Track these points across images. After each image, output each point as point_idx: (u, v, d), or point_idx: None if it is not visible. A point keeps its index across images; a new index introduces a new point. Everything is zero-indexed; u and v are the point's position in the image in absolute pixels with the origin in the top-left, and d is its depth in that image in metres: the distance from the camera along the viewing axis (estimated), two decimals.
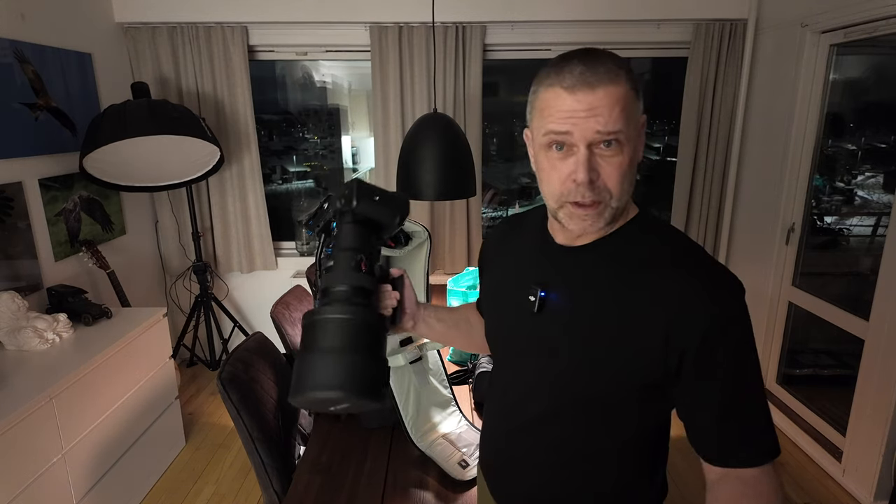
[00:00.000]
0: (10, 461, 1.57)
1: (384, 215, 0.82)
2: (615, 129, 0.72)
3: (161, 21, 2.89)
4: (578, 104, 0.71)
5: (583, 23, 2.99)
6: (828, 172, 2.64)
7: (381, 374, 0.74)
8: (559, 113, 0.73)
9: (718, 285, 0.77)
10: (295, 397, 0.71)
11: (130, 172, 2.65)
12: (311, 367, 0.70)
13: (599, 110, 0.71)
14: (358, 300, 0.77)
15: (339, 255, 0.80)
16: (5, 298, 1.98)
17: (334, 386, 0.68)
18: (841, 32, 2.41)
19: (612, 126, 0.71)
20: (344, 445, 1.44)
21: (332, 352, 0.70)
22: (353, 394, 0.69)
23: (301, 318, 2.11)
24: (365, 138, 3.54)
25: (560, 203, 0.78)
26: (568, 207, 0.77)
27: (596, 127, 0.71)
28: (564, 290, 0.84)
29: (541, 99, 0.76)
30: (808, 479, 2.36)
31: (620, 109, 0.72)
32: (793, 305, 2.79)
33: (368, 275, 0.80)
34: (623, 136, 0.73)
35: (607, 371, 0.80)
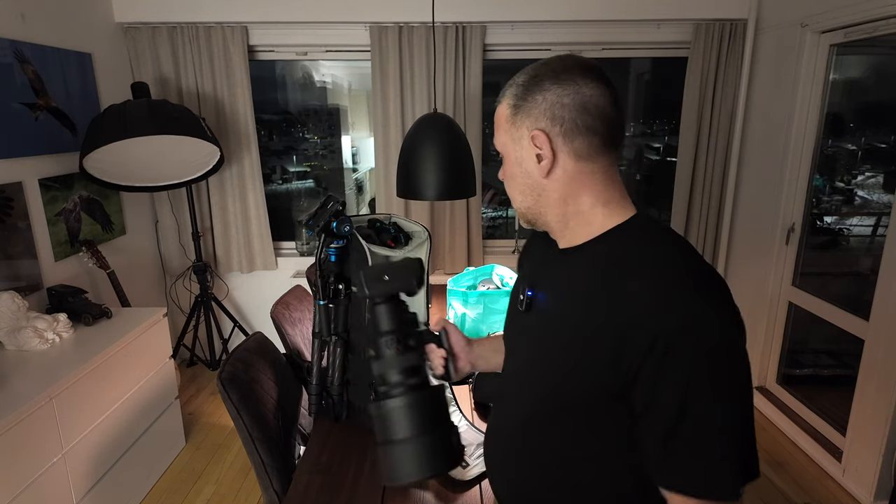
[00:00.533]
0: (10, 461, 1.57)
1: (400, 285, 0.87)
2: (495, 140, 0.85)
3: (161, 21, 2.89)
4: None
5: (583, 23, 2.99)
6: (828, 172, 2.64)
7: (453, 437, 0.82)
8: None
9: (683, 288, 0.69)
10: (391, 484, 0.80)
11: (130, 172, 2.65)
12: (396, 459, 0.79)
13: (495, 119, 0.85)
14: (412, 381, 0.83)
15: (379, 343, 0.86)
16: (5, 298, 1.98)
17: (422, 472, 0.78)
18: (841, 32, 2.41)
19: (496, 137, 0.85)
20: (344, 445, 1.43)
21: (408, 441, 0.79)
22: (438, 470, 0.79)
23: (301, 318, 2.11)
24: (365, 138, 3.54)
25: None
26: None
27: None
28: (550, 291, 0.84)
29: None
30: (808, 479, 2.36)
31: (497, 126, 0.84)
32: (793, 305, 2.79)
33: (412, 351, 0.86)
34: (503, 150, 0.83)
35: (574, 377, 0.76)
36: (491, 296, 1.98)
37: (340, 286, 1.45)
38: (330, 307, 1.46)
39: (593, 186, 0.78)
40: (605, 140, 0.76)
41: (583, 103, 0.74)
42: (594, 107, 0.74)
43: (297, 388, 1.77)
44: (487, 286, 2.19)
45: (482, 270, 2.28)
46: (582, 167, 0.77)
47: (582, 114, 0.74)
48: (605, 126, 0.75)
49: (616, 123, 0.76)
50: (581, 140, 0.75)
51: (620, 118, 0.77)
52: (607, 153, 0.77)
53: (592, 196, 0.78)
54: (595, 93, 0.74)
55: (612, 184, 0.79)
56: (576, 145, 0.76)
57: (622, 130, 0.79)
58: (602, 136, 0.75)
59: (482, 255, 3.31)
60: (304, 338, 2.06)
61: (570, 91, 0.74)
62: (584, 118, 0.74)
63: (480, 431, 1.44)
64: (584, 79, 0.74)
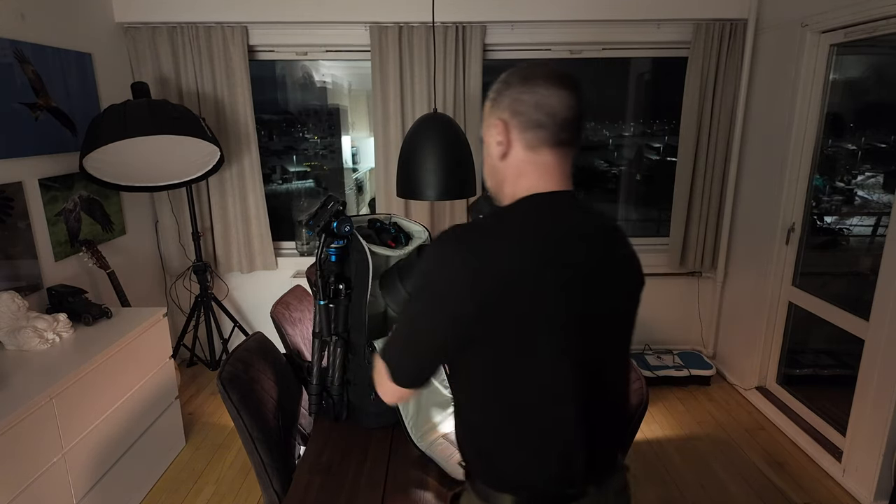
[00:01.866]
0: (10, 461, 1.57)
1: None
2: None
3: (161, 21, 2.89)
4: None
5: (583, 23, 2.99)
6: (828, 172, 2.64)
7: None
8: None
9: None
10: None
11: (130, 172, 2.65)
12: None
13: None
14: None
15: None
16: (5, 298, 1.98)
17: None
18: (841, 32, 2.41)
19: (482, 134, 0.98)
20: (344, 445, 1.43)
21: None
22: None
23: (301, 318, 2.11)
24: (365, 138, 3.54)
25: None
26: None
27: None
28: None
29: None
30: (808, 479, 2.36)
31: (483, 120, 0.97)
32: (793, 305, 2.79)
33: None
34: (483, 139, 0.97)
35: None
36: None
37: (341, 286, 1.45)
38: (330, 307, 1.46)
39: (533, 174, 0.90)
40: (553, 136, 0.88)
41: (537, 102, 0.87)
42: (548, 106, 0.86)
43: (298, 388, 1.77)
44: None
45: None
46: (529, 156, 0.90)
47: (536, 111, 0.87)
48: (554, 125, 0.87)
49: (566, 125, 0.88)
50: (532, 133, 0.88)
51: (573, 121, 0.88)
52: (554, 149, 0.89)
53: (530, 182, 0.90)
54: (551, 95, 0.86)
55: (550, 177, 0.90)
56: (527, 136, 0.89)
57: (573, 132, 0.89)
58: (550, 132, 0.88)
59: None
60: (304, 338, 2.06)
61: (530, 92, 0.87)
62: (537, 115, 0.87)
63: None
64: (545, 83, 0.87)
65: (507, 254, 0.81)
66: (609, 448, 0.97)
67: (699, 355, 3.31)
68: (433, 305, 0.85)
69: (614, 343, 0.94)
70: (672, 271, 3.36)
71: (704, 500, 2.25)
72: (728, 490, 2.30)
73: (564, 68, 0.90)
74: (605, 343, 0.91)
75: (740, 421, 2.80)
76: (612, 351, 0.93)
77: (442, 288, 0.83)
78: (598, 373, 0.90)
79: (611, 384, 0.94)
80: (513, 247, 0.81)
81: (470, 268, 0.80)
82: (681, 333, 3.53)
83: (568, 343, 0.85)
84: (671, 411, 2.90)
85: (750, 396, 3.01)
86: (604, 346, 0.91)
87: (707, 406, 2.95)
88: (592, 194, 3.63)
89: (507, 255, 0.81)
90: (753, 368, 3.02)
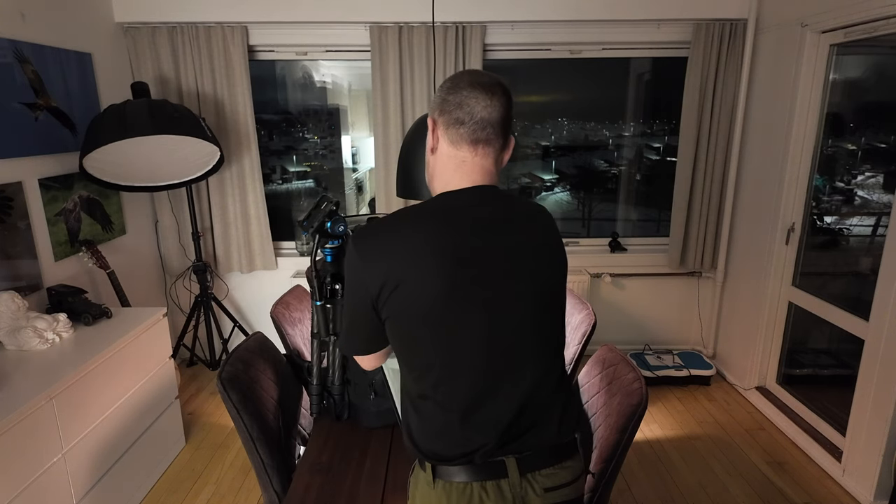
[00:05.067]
0: (10, 461, 1.57)
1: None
2: None
3: (161, 21, 2.89)
4: None
5: (583, 23, 2.99)
6: (828, 172, 2.64)
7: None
8: None
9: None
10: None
11: (130, 172, 2.65)
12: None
13: None
14: None
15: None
16: (5, 298, 1.98)
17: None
18: (841, 32, 2.41)
19: None
20: (344, 445, 1.43)
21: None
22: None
23: (301, 318, 2.11)
24: (365, 138, 3.54)
25: None
26: None
27: None
28: None
29: None
30: (808, 479, 2.36)
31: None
32: (793, 305, 2.79)
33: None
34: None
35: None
36: None
37: (337, 286, 1.45)
38: (327, 307, 1.46)
39: (453, 169, 0.99)
40: (471, 134, 0.96)
41: (460, 102, 0.95)
42: (467, 106, 0.95)
43: (298, 388, 1.77)
44: None
45: None
46: (451, 152, 0.99)
47: (457, 110, 0.96)
48: (472, 122, 0.95)
49: (484, 123, 0.96)
50: (454, 130, 0.97)
51: (491, 121, 0.96)
52: (474, 146, 0.97)
53: (446, 176, 1.00)
54: (471, 97, 0.95)
55: (467, 172, 0.98)
56: (450, 133, 0.98)
57: (491, 131, 0.97)
58: (469, 129, 0.96)
59: None
60: (304, 338, 2.06)
61: (455, 93, 0.96)
62: (458, 114, 0.96)
63: None
64: (468, 86, 0.95)
65: (392, 248, 0.91)
66: (534, 430, 0.99)
67: (699, 355, 3.31)
68: (349, 292, 0.98)
69: (522, 323, 0.96)
70: (672, 271, 3.37)
71: (704, 500, 2.25)
72: (728, 490, 2.30)
73: (498, 75, 0.98)
74: (507, 323, 0.95)
75: (740, 421, 2.80)
76: (520, 330, 0.96)
77: (349, 277, 0.97)
78: (506, 351, 0.95)
79: (526, 362, 0.97)
80: (398, 240, 0.92)
81: (360, 263, 0.93)
82: (681, 333, 3.53)
83: (457, 321, 0.93)
84: (671, 411, 2.90)
85: (750, 396, 3.01)
86: (506, 325, 0.95)
87: (707, 406, 2.95)
88: (592, 194, 3.63)
89: (391, 249, 0.91)
90: (753, 368, 3.02)
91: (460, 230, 0.93)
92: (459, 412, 0.95)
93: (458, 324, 0.92)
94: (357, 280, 0.95)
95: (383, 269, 0.91)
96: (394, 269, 0.90)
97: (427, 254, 0.90)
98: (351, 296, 0.97)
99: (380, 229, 0.94)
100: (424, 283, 0.90)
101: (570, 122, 3.48)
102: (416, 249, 0.90)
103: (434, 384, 0.95)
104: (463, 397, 0.95)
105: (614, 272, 3.39)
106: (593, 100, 3.44)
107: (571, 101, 3.44)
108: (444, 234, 0.92)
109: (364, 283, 0.94)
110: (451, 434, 0.96)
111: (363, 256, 0.93)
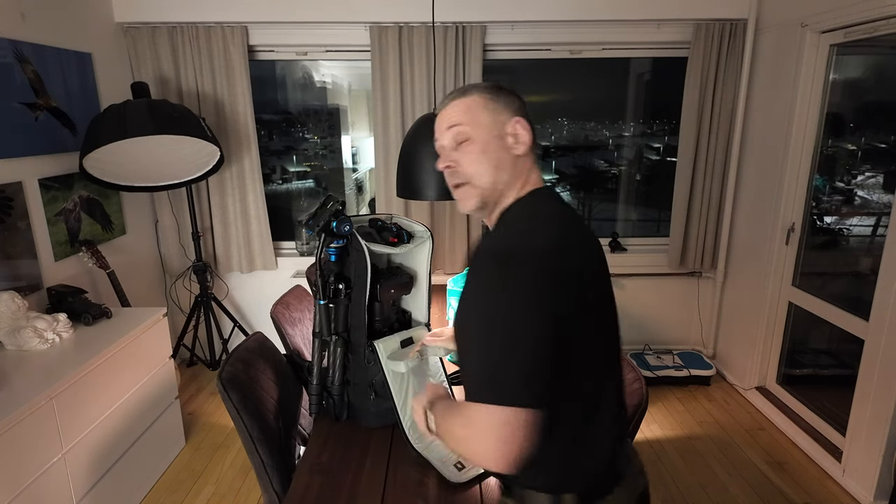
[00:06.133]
0: (10, 461, 1.57)
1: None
2: (455, 121, 0.95)
3: (161, 21, 2.89)
4: (440, 119, 0.99)
5: (583, 23, 2.99)
6: (828, 172, 2.64)
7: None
8: (436, 130, 1.01)
9: (479, 246, 0.90)
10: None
11: (130, 172, 2.65)
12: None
13: (447, 114, 0.97)
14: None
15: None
16: (5, 298, 1.98)
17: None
18: (841, 32, 2.41)
19: (454, 119, 0.96)
20: (344, 445, 1.43)
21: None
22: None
23: (301, 318, 2.11)
24: (365, 138, 3.54)
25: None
26: (454, 195, 0.99)
27: (445, 125, 0.97)
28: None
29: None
30: (808, 479, 2.36)
31: (463, 108, 0.95)
32: (793, 305, 2.79)
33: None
34: (467, 129, 0.94)
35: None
36: None
37: (340, 286, 1.45)
38: (330, 307, 1.46)
39: (536, 168, 0.99)
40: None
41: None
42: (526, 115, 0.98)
43: (298, 388, 1.77)
44: None
45: None
46: (533, 153, 0.98)
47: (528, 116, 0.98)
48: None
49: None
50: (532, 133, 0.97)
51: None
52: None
53: (536, 175, 0.98)
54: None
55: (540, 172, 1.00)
56: (531, 135, 0.97)
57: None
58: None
59: None
60: (304, 338, 2.07)
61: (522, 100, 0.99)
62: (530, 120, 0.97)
63: None
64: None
65: (566, 243, 0.85)
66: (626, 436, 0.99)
67: (699, 355, 3.31)
68: (529, 309, 0.80)
69: (616, 326, 0.97)
70: (672, 271, 3.36)
71: (704, 500, 2.25)
72: (728, 490, 2.30)
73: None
74: (615, 326, 0.95)
75: (740, 421, 2.80)
76: (617, 334, 0.97)
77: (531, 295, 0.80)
78: (617, 360, 0.95)
79: (620, 369, 0.97)
80: (564, 237, 0.86)
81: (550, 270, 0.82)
82: (681, 333, 3.53)
83: (604, 326, 0.91)
84: (671, 411, 2.90)
85: (750, 396, 3.01)
86: (615, 329, 0.95)
87: (707, 406, 2.95)
88: (592, 194, 3.63)
89: (566, 244, 0.85)
90: (753, 368, 3.02)
91: (582, 227, 0.92)
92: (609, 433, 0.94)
93: (601, 328, 0.92)
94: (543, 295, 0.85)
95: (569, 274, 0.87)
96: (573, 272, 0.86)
97: (581, 249, 0.90)
98: (529, 312, 0.84)
99: (552, 230, 0.88)
100: (588, 289, 0.88)
101: (570, 122, 3.48)
102: (576, 246, 0.89)
103: (594, 407, 0.92)
104: (611, 414, 0.95)
105: (614, 272, 3.38)
106: (593, 100, 3.44)
107: (571, 101, 3.44)
108: (578, 230, 0.91)
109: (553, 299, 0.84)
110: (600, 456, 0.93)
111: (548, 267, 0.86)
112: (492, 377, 0.78)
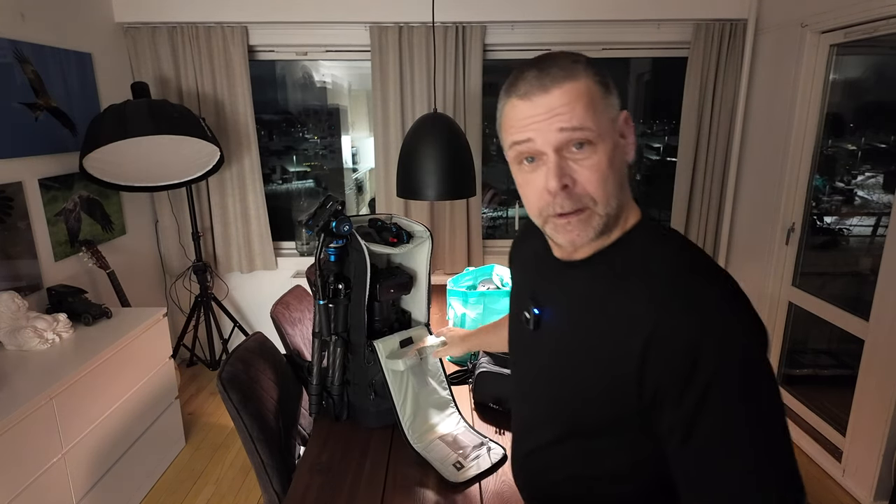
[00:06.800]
0: (10, 461, 1.57)
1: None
2: (579, 124, 0.66)
3: (161, 21, 2.89)
4: (535, 108, 0.68)
5: (583, 23, 2.99)
6: (828, 172, 2.64)
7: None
8: (518, 122, 0.69)
9: (710, 300, 0.65)
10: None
11: (130, 172, 2.65)
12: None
13: (559, 110, 0.66)
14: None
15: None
16: (5, 298, 1.98)
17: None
18: (841, 32, 2.41)
19: (576, 121, 0.66)
20: (344, 445, 1.43)
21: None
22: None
23: (301, 318, 2.11)
24: (365, 138, 3.54)
25: (544, 218, 0.72)
26: (552, 221, 0.71)
27: (558, 125, 0.66)
28: (558, 308, 0.79)
29: (502, 115, 0.73)
30: (808, 479, 2.36)
31: (584, 105, 0.67)
32: (793, 305, 2.79)
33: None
34: (593, 134, 0.67)
35: (590, 399, 0.73)
36: (491, 296, 1.98)
37: (340, 286, 1.45)
38: (330, 307, 1.46)
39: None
40: None
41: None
42: None
43: (298, 388, 1.77)
44: (487, 286, 2.18)
45: (482, 270, 2.28)
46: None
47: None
48: None
49: None
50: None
51: None
52: None
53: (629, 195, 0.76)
54: None
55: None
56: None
57: None
58: None
59: (482, 256, 3.31)
60: (304, 338, 2.07)
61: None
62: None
63: (478, 434, 1.44)
64: None
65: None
66: None
67: None
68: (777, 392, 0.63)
69: None
70: None
71: None
72: None
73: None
74: None
75: None
76: None
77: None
78: None
79: None
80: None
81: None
82: None
83: None
84: None
85: None
86: None
87: None
88: None
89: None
90: None
91: None
92: None
93: None
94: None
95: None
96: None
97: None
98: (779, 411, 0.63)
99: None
100: None
101: None
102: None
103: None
104: None
105: None
106: None
107: None
108: None
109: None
110: None
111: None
112: (781, 471, 0.60)
